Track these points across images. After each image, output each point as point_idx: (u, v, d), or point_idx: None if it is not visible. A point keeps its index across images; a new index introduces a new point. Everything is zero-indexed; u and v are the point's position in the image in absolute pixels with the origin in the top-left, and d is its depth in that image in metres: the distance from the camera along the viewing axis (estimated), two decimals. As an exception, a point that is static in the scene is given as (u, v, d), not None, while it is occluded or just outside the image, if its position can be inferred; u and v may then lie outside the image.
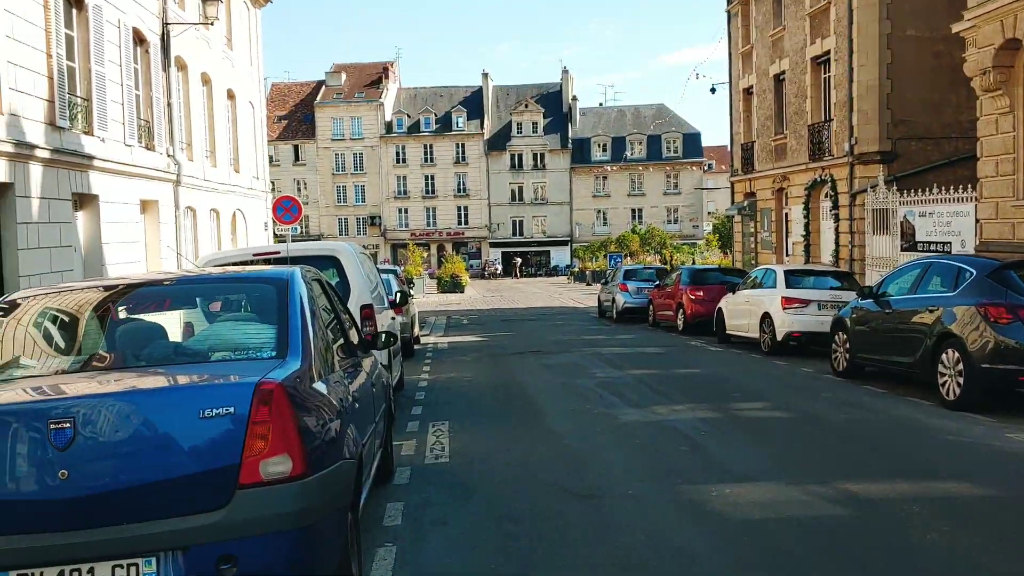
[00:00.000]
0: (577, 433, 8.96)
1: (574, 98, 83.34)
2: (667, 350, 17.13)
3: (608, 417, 9.76)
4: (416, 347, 18.41)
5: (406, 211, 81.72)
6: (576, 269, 66.01)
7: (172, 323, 5.29)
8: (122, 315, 5.14)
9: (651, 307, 23.67)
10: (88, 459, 3.60)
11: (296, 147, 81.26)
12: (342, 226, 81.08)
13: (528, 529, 5.79)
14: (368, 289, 9.68)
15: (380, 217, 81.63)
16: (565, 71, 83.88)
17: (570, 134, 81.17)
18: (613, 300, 26.35)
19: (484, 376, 13.87)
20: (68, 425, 3.59)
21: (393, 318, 11.82)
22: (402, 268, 35.24)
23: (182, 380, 4.21)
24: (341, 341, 5.58)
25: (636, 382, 12.46)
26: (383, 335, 6.55)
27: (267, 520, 3.67)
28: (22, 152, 13.54)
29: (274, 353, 4.32)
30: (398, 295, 13.05)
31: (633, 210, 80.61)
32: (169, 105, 20.70)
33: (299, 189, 77.59)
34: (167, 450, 3.66)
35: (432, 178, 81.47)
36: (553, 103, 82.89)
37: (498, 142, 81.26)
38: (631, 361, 15.17)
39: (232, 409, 3.69)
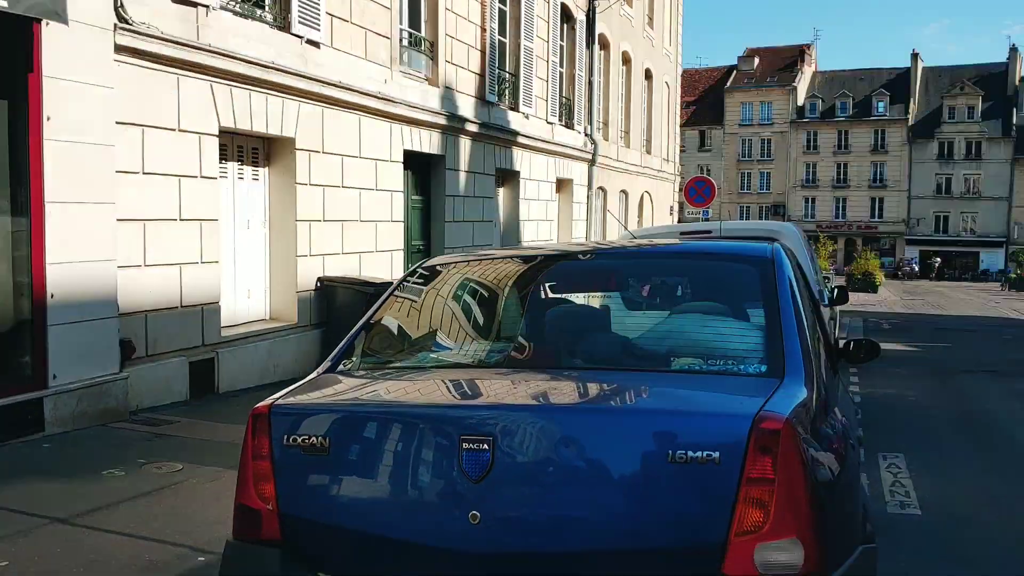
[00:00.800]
0: (1100, 497, 6.64)
1: (1022, 79, 72.47)
2: None
3: None
4: (836, 352, 16.28)
5: (813, 201, 77.03)
6: (1013, 275, 57.35)
7: (606, 308, 4.18)
8: (548, 294, 4.07)
9: None
10: (509, 500, 2.49)
11: (702, 133, 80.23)
12: (743, 214, 78.58)
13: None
14: (814, 282, 8.05)
15: (784, 206, 77.84)
16: (1013, 49, 73.26)
17: (1014, 120, 70.80)
18: (1081, 315, 21.77)
19: (931, 397, 11.52)
20: (487, 447, 2.48)
21: (831, 319, 10.04)
22: (812, 262, 32.53)
23: (641, 398, 2.92)
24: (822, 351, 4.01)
25: None
26: (858, 344, 4.68)
27: None
28: (453, 125, 13.78)
29: (763, 368, 2.87)
30: (836, 291, 11.11)
31: (1090, 209, 68.62)
32: (590, 84, 20.52)
33: (703, 175, 76.51)
34: (619, 505, 2.46)
35: (845, 166, 75.78)
36: (995, 86, 72.74)
37: (924, 129, 73.28)
38: None
39: (716, 455, 2.37)
